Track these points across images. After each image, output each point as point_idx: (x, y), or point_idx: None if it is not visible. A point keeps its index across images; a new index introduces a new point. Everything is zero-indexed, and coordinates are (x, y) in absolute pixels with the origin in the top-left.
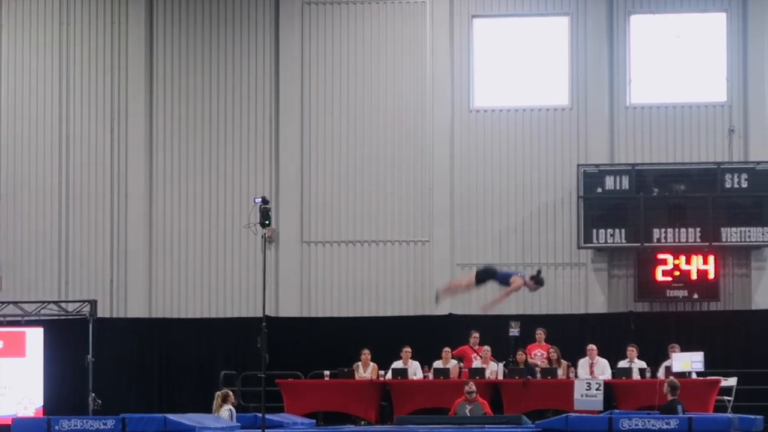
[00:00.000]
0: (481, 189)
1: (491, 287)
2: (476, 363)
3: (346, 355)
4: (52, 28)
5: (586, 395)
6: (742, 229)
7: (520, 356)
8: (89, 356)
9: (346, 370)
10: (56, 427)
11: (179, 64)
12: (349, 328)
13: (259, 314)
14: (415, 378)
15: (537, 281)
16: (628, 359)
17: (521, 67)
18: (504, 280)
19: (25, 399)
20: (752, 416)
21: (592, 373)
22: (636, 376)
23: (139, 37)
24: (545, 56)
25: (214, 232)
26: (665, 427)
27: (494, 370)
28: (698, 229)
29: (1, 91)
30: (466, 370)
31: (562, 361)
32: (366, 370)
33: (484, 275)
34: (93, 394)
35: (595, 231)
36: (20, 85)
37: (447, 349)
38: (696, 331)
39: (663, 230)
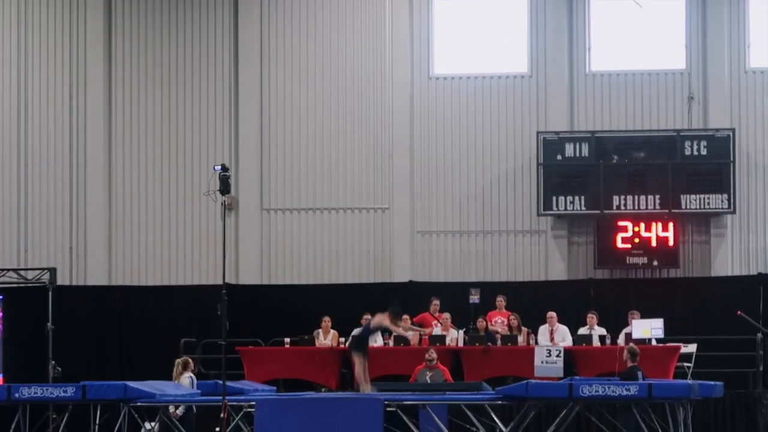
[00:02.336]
0: (441, 156)
1: None
2: (437, 330)
3: (307, 322)
4: None
5: (547, 362)
6: (702, 196)
7: (481, 323)
8: (49, 324)
9: (306, 337)
10: (16, 395)
11: (138, 29)
12: (309, 295)
13: (220, 281)
14: (375, 345)
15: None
16: (588, 326)
17: (481, 35)
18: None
19: None
20: (712, 382)
21: (552, 339)
22: (596, 342)
23: (98, 5)
24: (505, 23)
25: (173, 199)
26: (625, 393)
27: (455, 337)
28: (658, 196)
29: None
30: (426, 337)
31: (523, 328)
32: (326, 338)
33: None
34: (53, 362)
35: (554, 198)
36: None
37: (406, 316)
38: (656, 298)
39: (623, 197)
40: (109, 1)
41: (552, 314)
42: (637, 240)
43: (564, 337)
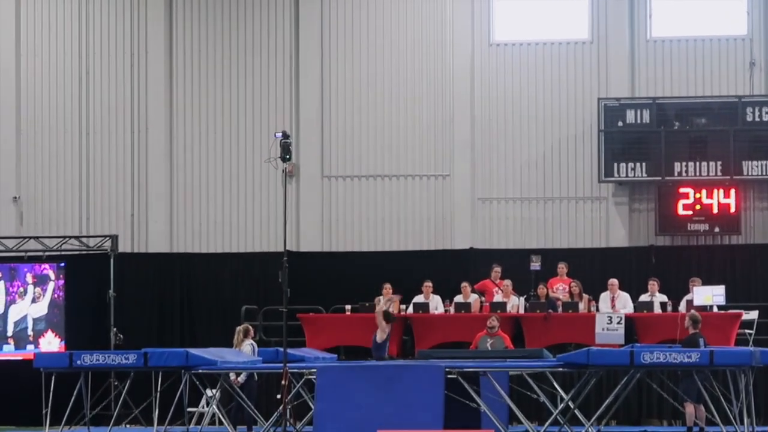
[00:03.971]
0: (501, 123)
1: None
2: (497, 297)
3: (368, 289)
4: None
5: (608, 329)
6: (764, 162)
7: (542, 290)
8: (111, 291)
9: (367, 304)
10: (78, 362)
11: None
12: (370, 263)
13: (280, 249)
14: (436, 312)
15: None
16: (649, 293)
17: (541, 1)
18: None
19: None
20: None
21: (613, 306)
22: (657, 309)
23: None
24: None
25: (234, 167)
26: (686, 360)
27: (515, 304)
28: (719, 163)
29: (21, 27)
30: (488, 304)
31: (584, 295)
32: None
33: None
34: (114, 329)
35: (615, 165)
36: (39, 20)
37: (466, 283)
38: (717, 265)
39: (684, 164)
40: None
41: (613, 281)
42: (698, 207)
43: (625, 304)
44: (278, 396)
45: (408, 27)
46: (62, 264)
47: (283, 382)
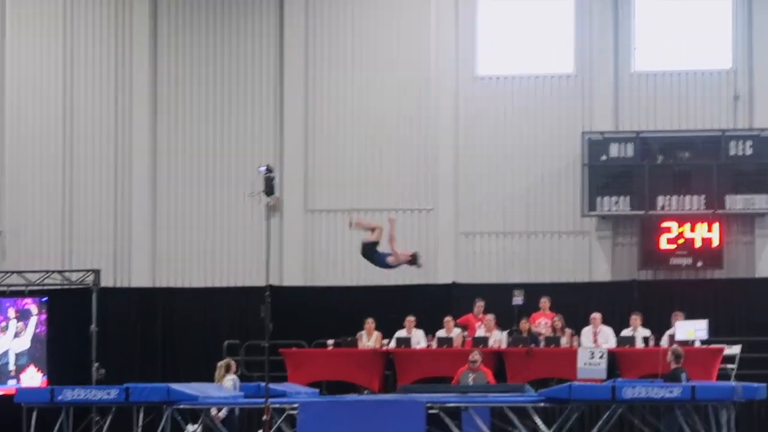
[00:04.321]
0: (485, 157)
1: None
2: (480, 331)
3: (350, 324)
4: None
5: (590, 363)
6: (747, 196)
7: (524, 325)
8: (93, 326)
9: (349, 339)
10: (60, 397)
11: (183, 30)
12: (352, 297)
13: (263, 283)
14: (418, 347)
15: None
16: (631, 327)
17: (526, 35)
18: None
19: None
20: (756, 384)
21: (595, 341)
22: (639, 344)
23: (143, 4)
24: (550, 23)
25: (218, 201)
26: (668, 395)
27: (498, 338)
28: (703, 197)
29: (5, 60)
30: (470, 338)
31: (566, 329)
32: (370, 339)
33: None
34: (96, 364)
35: (599, 199)
36: (24, 53)
37: (449, 318)
38: (700, 299)
39: (667, 198)
40: (155, 2)
41: (596, 315)
42: (681, 241)
43: (607, 338)
44: (260, 431)
45: (393, 60)
46: (44, 299)
47: (264, 417)
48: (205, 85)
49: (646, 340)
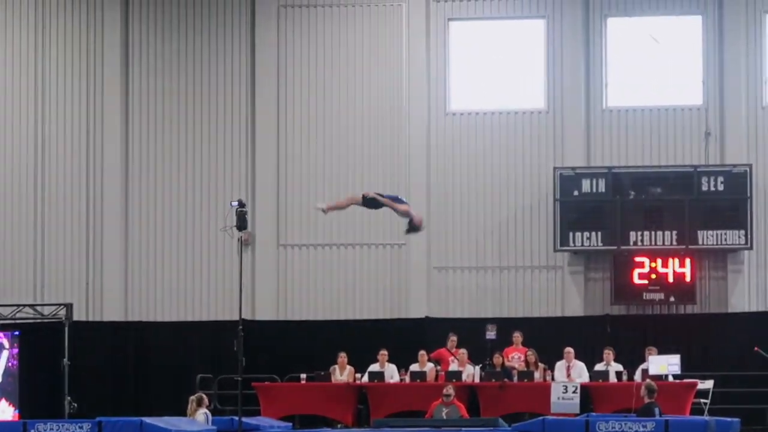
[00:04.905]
0: (457, 192)
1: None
2: (453, 366)
3: (323, 358)
4: (28, 29)
5: (563, 398)
6: (719, 231)
7: (497, 359)
8: (65, 360)
9: (322, 373)
10: (32, 431)
11: (155, 65)
12: (325, 332)
13: (236, 317)
14: (391, 381)
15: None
16: (604, 362)
17: (498, 70)
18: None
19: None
20: (729, 419)
21: (569, 376)
22: (613, 378)
23: (114, 39)
24: (522, 59)
25: (190, 235)
26: (642, 429)
27: (471, 373)
28: (675, 232)
29: None
30: (443, 373)
31: (539, 364)
32: (342, 373)
33: (371, 204)
34: (69, 398)
35: (571, 234)
36: None
37: (422, 352)
38: (672, 334)
39: (639, 233)
40: (126, 36)
41: (569, 350)
42: (653, 276)
43: (581, 373)
44: None
45: (364, 96)
46: (16, 333)
47: None
48: (176, 121)
49: (619, 374)
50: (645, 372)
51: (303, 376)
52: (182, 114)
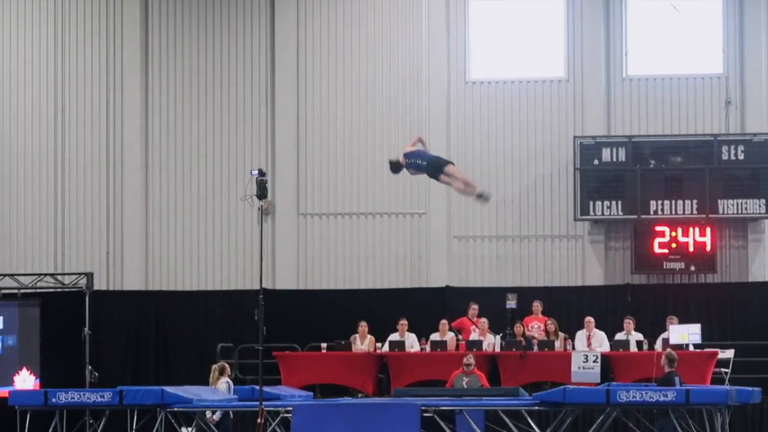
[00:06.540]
0: (477, 161)
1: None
2: (473, 335)
3: (343, 327)
4: (47, 3)
5: (584, 367)
6: (739, 200)
7: (518, 329)
8: (86, 329)
9: (343, 342)
10: (53, 400)
11: (175, 35)
12: (346, 301)
13: (256, 287)
14: (412, 350)
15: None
16: (625, 331)
17: (517, 39)
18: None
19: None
20: (749, 388)
21: (589, 345)
22: (633, 348)
23: (134, 8)
24: (541, 28)
25: (210, 205)
26: (663, 398)
27: (491, 342)
28: (695, 201)
29: None
30: (463, 342)
31: (560, 333)
32: (363, 343)
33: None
34: (90, 367)
35: (591, 203)
36: (15, 56)
37: (444, 321)
38: (693, 303)
39: (660, 202)
40: (145, 6)
41: (589, 319)
42: (674, 245)
43: (601, 342)
44: None
45: (384, 65)
46: (37, 301)
47: (258, 420)
48: (196, 90)
49: (639, 344)
50: (665, 341)
51: (323, 345)
52: (202, 83)
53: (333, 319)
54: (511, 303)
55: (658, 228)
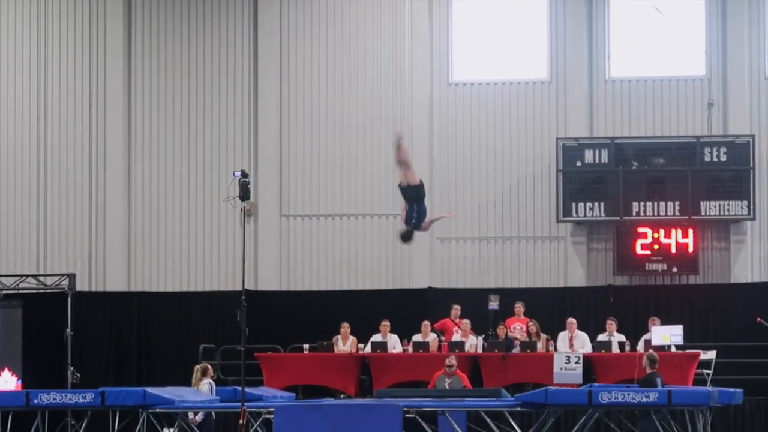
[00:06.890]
0: (460, 163)
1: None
2: (456, 336)
3: (326, 328)
4: (30, 0)
5: (566, 368)
6: (721, 202)
7: (500, 330)
8: (68, 330)
9: (325, 343)
10: (35, 401)
11: (158, 37)
12: (328, 302)
13: (239, 288)
14: (394, 351)
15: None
16: (607, 333)
17: (500, 41)
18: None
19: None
20: (731, 389)
21: (571, 346)
22: (615, 349)
23: (117, 10)
24: (524, 30)
25: (192, 206)
26: (645, 400)
27: (474, 343)
28: (677, 203)
29: None
30: (446, 343)
31: (542, 334)
32: (345, 344)
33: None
34: (72, 368)
35: (574, 204)
36: None
37: (426, 322)
38: (675, 305)
39: (642, 204)
40: (128, 7)
41: (571, 320)
42: (656, 246)
43: (583, 343)
44: None
45: (367, 66)
46: (19, 302)
47: (240, 421)
48: (179, 91)
49: (621, 345)
50: (648, 342)
51: (306, 346)
52: (185, 84)
53: (315, 320)
54: (494, 304)
55: (640, 229)
